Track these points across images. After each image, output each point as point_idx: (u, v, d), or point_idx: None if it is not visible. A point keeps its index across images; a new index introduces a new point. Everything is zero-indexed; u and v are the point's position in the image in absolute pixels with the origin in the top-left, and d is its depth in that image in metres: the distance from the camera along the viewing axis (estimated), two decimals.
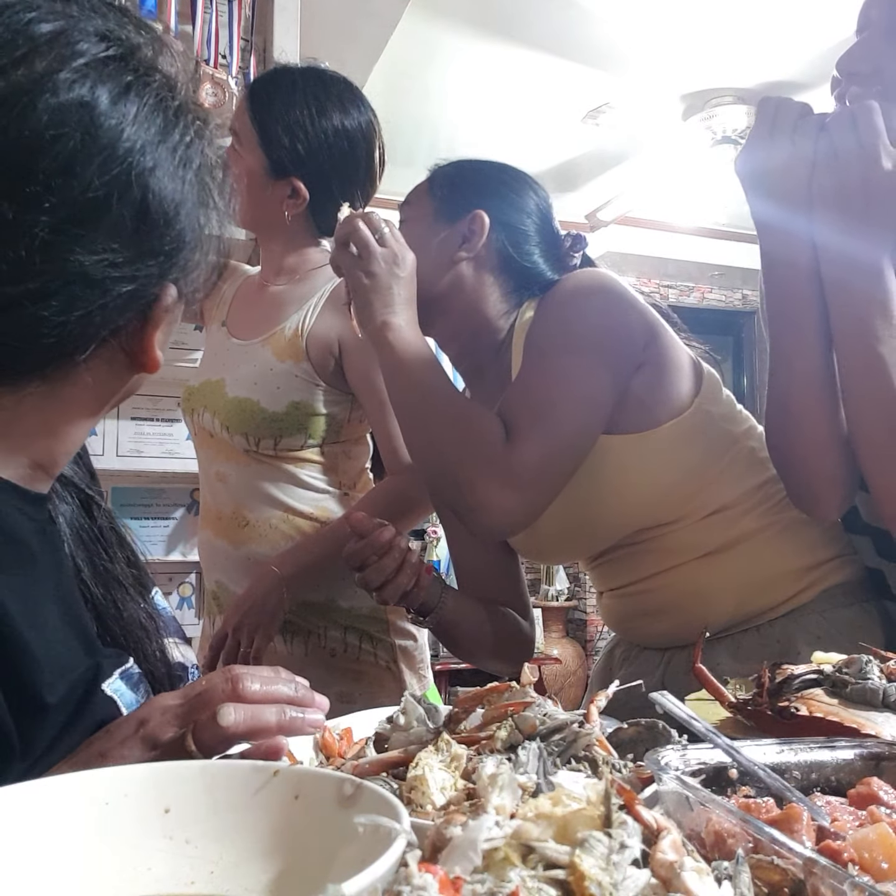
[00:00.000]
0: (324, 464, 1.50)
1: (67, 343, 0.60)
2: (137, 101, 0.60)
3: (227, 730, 0.57)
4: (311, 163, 1.46)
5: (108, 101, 0.58)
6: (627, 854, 0.40)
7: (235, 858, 0.49)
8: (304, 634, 1.48)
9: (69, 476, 0.75)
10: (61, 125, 0.56)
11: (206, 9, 2.08)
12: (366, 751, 0.68)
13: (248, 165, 1.48)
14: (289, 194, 1.49)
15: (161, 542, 2.38)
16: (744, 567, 1.18)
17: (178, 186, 0.62)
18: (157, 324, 0.65)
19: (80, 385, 0.63)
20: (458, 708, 0.71)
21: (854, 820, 0.50)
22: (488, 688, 0.71)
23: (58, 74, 0.56)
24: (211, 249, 0.67)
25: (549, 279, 1.25)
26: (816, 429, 1.05)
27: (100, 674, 0.64)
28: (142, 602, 0.77)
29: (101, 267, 0.58)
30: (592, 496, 1.16)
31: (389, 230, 1.13)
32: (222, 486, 1.52)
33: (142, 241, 0.61)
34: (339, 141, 1.47)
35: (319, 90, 1.48)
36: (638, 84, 3.94)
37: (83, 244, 0.58)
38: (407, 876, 0.37)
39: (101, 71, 0.59)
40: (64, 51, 0.57)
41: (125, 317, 0.62)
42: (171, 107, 0.63)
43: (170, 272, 0.64)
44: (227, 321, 1.61)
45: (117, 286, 0.60)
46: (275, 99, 1.47)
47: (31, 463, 0.64)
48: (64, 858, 0.46)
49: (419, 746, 0.63)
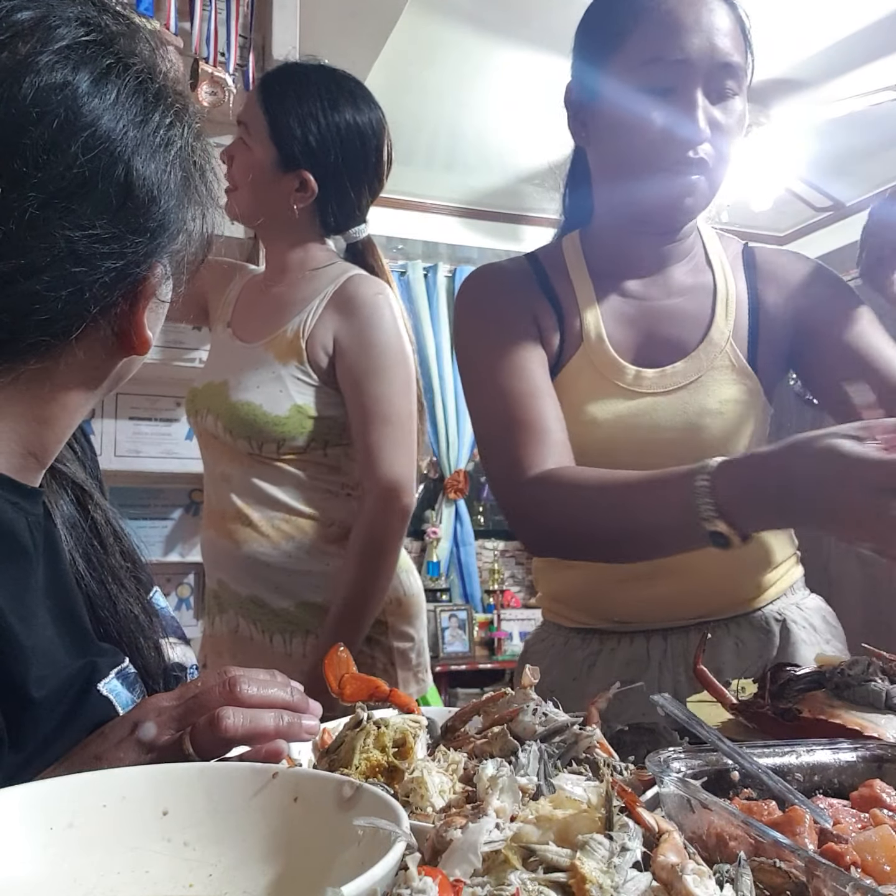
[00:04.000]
0: (327, 465, 1.50)
1: (59, 320, 0.61)
2: (118, 83, 0.63)
3: (226, 734, 0.56)
4: (321, 156, 1.46)
5: (90, 82, 0.61)
6: (629, 857, 0.40)
7: (234, 861, 0.49)
8: (302, 635, 1.48)
9: (64, 471, 0.75)
10: (45, 104, 0.58)
11: (205, 6, 2.08)
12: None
13: (256, 157, 1.48)
14: (297, 187, 1.48)
15: (159, 542, 2.38)
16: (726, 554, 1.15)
17: (160, 167, 0.64)
18: (146, 303, 0.66)
19: (73, 366, 0.64)
20: (455, 721, 0.71)
21: (856, 822, 0.50)
22: (485, 699, 0.71)
23: (40, 57, 0.59)
24: (195, 231, 0.69)
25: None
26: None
27: (95, 673, 0.64)
28: (137, 597, 0.76)
29: (89, 243, 0.60)
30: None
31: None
32: (226, 486, 1.52)
33: (128, 218, 0.62)
34: (351, 136, 1.47)
35: (332, 85, 1.49)
36: None
37: (71, 220, 0.59)
38: (407, 879, 0.37)
39: (82, 54, 0.61)
40: (45, 35, 0.60)
41: (114, 294, 0.64)
42: (151, 90, 0.65)
43: (156, 251, 0.65)
44: (231, 322, 1.61)
45: (105, 262, 0.61)
46: (288, 91, 1.47)
47: (22, 451, 0.64)
48: (62, 861, 0.46)
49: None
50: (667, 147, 1.02)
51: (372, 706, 0.67)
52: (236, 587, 1.50)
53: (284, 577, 1.47)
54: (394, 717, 0.67)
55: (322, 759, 0.63)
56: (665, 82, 1.02)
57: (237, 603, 1.50)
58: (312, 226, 1.55)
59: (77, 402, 0.67)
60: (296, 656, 1.47)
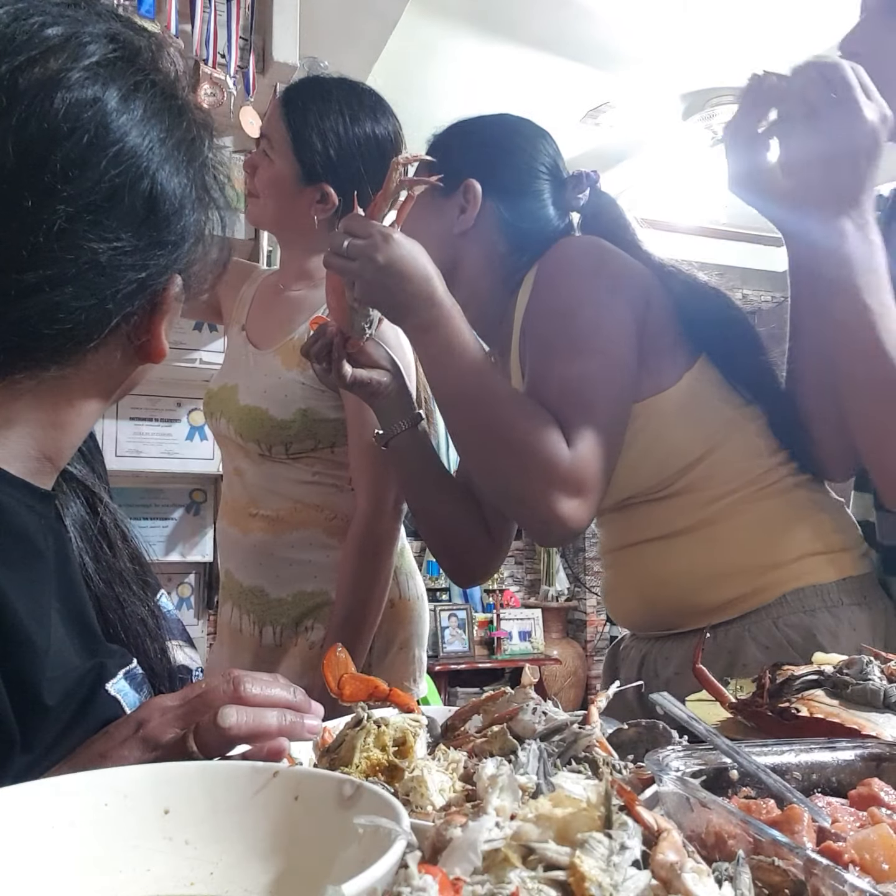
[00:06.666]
0: (334, 461, 1.53)
1: (81, 329, 0.62)
2: (144, 99, 0.64)
3: (229, 731, 0.57)
4: (343, 169, 1.49)
5: (118, 98, 0.62)
6: (628, 855, 0.40)
7: (235, 859, 0.49)
8: (292, 626, 1.51)
9: (74, 474, 0.76)
10: (76, 119, 0.60)
11: (205, 8, 2.08)
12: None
13: (279, 170, 1.51)
14: (318, 199, 1.51)
15: (160, 542, 2.39)
16: (695, 555, 1.15)
17: (182, 181, 0.66)
18: (164, 313, 0.68)
19: (91, 373, 0.66)
20: (455, 720, 0.71)
21: (855, 821, 0.50)
22: (484, 698, 0.71)
23: (70, 73, 0.60)
24: (214, 244, 0.71)
25: (555, 231, 1.22)
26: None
27: (104, 673, 0.65)
28: (144, 599, 0.77)
29: (114, 255, 0.62)
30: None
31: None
32: (239, 479, 1.58)
33: (151, 231, 0.64)
34: (370, 148, 1.50)
35: (353, 99, 1.52)
36: (638, 83, 3.94)
37: (97, 232, 0.61)
38: (407, 877, 0.37)
39: (111, 70, 0.63)
40: (76, 51, 0.61)
41: (135, 305, 0.65)
42: (175, 106, 0.67)
43: (175, 263, 0.67)
44: (246, 325, 1.65)
45: (128, 273, 0.63)
46: (310, 106, 1.50)
47: (38, 455, 0.65)
48: (63, 859, 0.46)
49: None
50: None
51: (371, 706, 0.68)
52: (240, 577, 1.55)
53: (286, 567, 1.51)
54: (394, 716, 0.68)
55: (322, 757, 0.64)
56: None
57: (237, 593, 1.55)
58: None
59: (92, 408, 0.68)
60: (286, 646, 1.50)
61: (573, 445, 1.03)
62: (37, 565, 0.62)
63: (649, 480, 1.15)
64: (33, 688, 0.57)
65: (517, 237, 1.22)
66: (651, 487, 1.16)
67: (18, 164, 0.58)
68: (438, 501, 1.30)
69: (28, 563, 0.61)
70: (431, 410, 1.56)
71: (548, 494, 1.02)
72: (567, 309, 1.11)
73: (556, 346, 1.11)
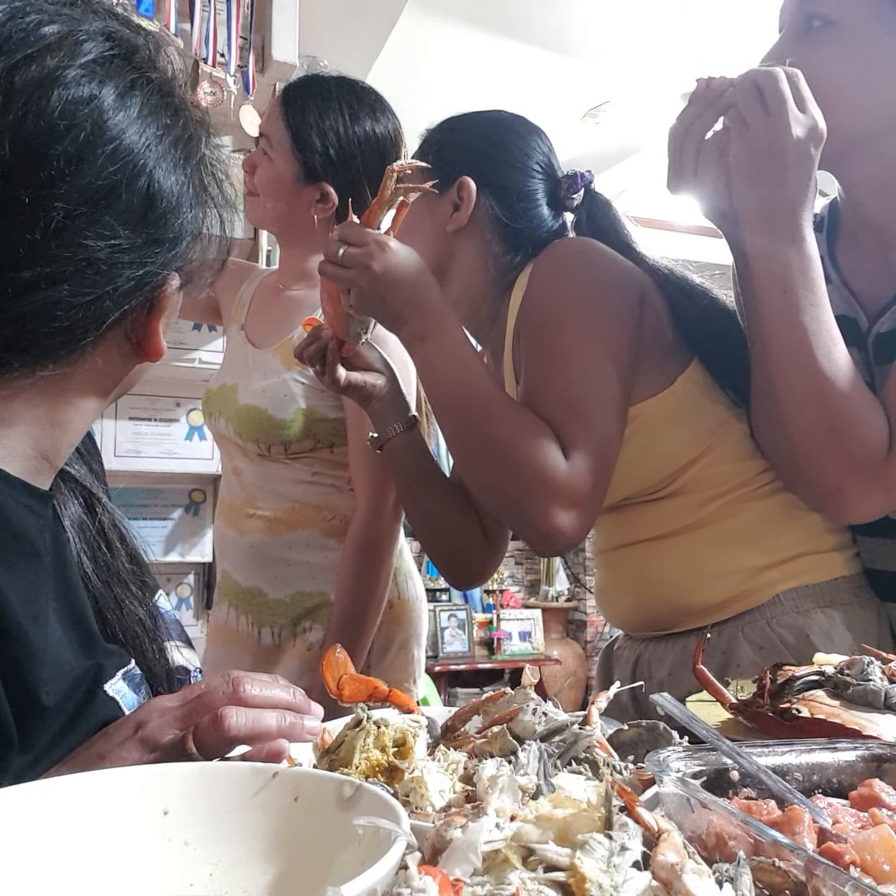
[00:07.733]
0: (333, 461, 1.53)
1: (79, 327, 0.62)
2: (141, 97, 0.64)
3: (229, 732, 0.57)
4: (342, 168, 1.49)
5: (115, 96, 0.62)
6: (628, 856, 0.40)
7: (234, 860, 0.49)
8: (290, 627, 1.51)
9: (73, 474, 0.76)
10: (72, 117, 0.60)
11: (205, 7, 2.08)
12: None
13: (278, 169, 1.51)
14: (318, 198, 1.51)
15: (159, 542, 2.38)
16: (688, 556, 1.15)
17: (180, 178, 0.66)
18: (162, 311, 0.68)
19: (89, 371, 0.66)
20: (455, 721, 0.71)
21: (856, 822, 0.50)
22: (484, 698, 0.71)
23: (67, 71, 0.60)
24: (211, 242, 0.71)
25: (549, 231, 1.22)
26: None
27: (102, 674, 0.64)
28: (142, 600, 0.77)
29: (111, 252, 0.62)
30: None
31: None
32: (237, 479, 1.58)
33: (148, 229, 0.64)
34: (370, 148, 1.50)
35: (353, 99, 1.51)
36: (638, 82, 3.94)
37: (95, 230, 0.61)
38: (407, 878, 0.37)
39: (108, 68, 0.63)
40: (72, 49, 0.61)
41: (132, 303, 0.65)
42: (172, 104, 0.67)
43: (173, 261, 0.67)
44: (245, 325, 1.65)
45: (125, 271, 0.63)
46: (310, 105, 1.50)
47: (36, 455, 0.65)
48: (63, 860, 0.46)
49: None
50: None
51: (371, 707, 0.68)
52: (238, 577, 1.55)
53: (283, 568, 1.51)
54: (394, 716, 0.67)
55: (322, 758, 0.64)
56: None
57: (234, 593, 1.55)
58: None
59: (91, 406, 0.68)
60: (285, 647, 1.50)
61: (570, 457, 1.02)
62: (35, 565, 0.62)
63: (643, 482, 1.15)
64: (31, 688, 0.57)
65: (511, 236, 1.22)
66: (645, 489, 1.16)
67: (15, 162, 0.58)
68: (434, 504, 1.30)
69: (26, 563, 0.61)
70: (430, 412, 1.56)
71: (545, 507, 1.01)
72: (562, 315, 1.11)
73: (551, 354, 1.10)
